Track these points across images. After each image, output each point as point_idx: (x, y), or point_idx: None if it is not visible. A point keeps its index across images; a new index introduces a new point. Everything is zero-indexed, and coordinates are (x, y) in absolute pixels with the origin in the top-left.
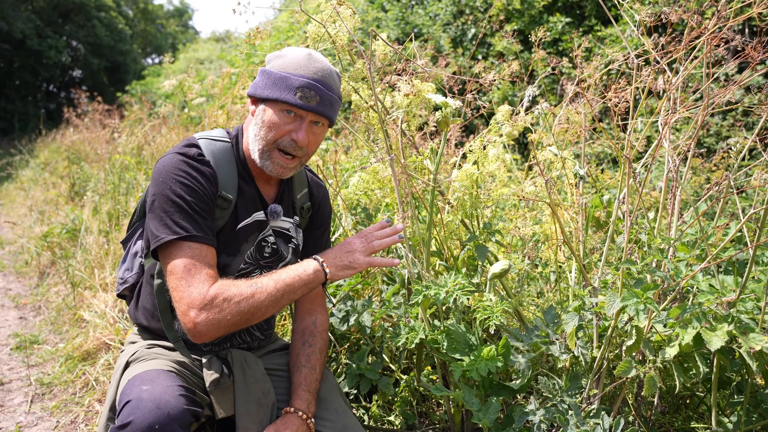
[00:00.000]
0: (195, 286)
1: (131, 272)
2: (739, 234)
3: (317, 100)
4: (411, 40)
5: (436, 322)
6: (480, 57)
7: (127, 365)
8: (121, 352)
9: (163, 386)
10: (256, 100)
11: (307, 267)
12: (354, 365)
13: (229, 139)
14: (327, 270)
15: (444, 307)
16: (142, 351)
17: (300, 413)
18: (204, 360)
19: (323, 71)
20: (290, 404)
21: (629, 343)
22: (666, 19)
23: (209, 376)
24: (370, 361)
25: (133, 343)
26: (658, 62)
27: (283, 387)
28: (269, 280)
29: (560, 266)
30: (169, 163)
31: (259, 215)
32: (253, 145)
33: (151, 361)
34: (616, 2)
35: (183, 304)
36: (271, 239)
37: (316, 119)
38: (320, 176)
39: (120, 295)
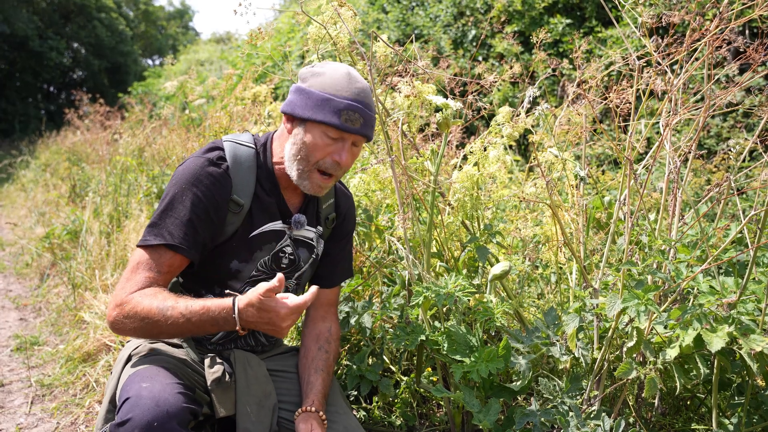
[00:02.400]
0: (127, 284)
1: None
2: (739, 235)
3: (361, 122)
4: (411, 41)
5: (436, 323)
6: (480, 58)
7: (129, 358)
8: (127, 342)
9: (162, 384)
10: (294, 118)
11: (222, 314)
12: (354, 366)
13: (253, 145)
14: (240, 323)
15: (444, 309)
16: (145, 345)
17: (320, 413)
18: (207, 358)
19: (364, 91)
20: (310, 404)
21: (630, 344)
22: (667, 21)
23: (211, 374)
24: (370, 363)
25: None
26: (659, 64)
27: (286, 388)
28: (184, 305)
29: (561, 267)
30: (187, 168)
31: (277, 225)
32: (291, 164)
33: (152, 357)
34: (617, 3)
35: (113, 295)
36: (289, 249)
37: (359, 141)
38: None
39: None
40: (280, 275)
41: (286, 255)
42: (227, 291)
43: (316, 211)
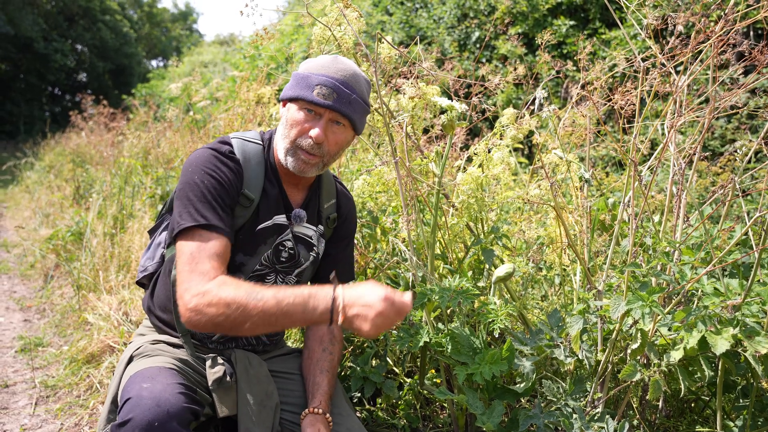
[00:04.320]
0: (196, 274)
1: (152, 261)
2: (744, 237)
3: (334, 97)
4: (416, 43)
5: (440, 325)
6: (484, 60)
7: (130, 360)
8: (129, 343)
9: (163, 384)
10: (284, 103)
11: (318, 303)
12: (358, 368)
13: (261, 141)
14: (335, 317)
15: (448, 311)
16: (147, 347)
17: (327, 416)
18: (208, 359)
19: (345, 71)
20: (317, 404)
21: (634, 346)
22: (672, 23)
23: (212, 374)
24: (374, 364)
25: (142, 335)
26: (664, 65)
27: (289, 389)
28: (274, 297)
29: (565, 269)
30: (200, 155)
31: (280, 218)
32: (279, 143)
33: (153, 357)
34: (622, 5)
35: (181, 288)
36: (289, 244)
37: (335, 118)
38: None
39: (139, 283)
40: (410, 293)
41: (286, 249)
42: (332, 276)
43: (318, 209)
